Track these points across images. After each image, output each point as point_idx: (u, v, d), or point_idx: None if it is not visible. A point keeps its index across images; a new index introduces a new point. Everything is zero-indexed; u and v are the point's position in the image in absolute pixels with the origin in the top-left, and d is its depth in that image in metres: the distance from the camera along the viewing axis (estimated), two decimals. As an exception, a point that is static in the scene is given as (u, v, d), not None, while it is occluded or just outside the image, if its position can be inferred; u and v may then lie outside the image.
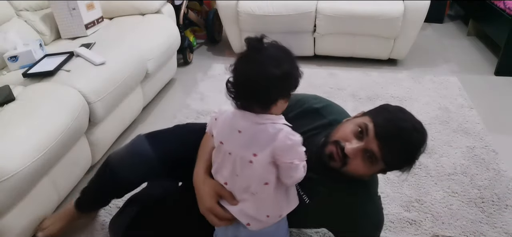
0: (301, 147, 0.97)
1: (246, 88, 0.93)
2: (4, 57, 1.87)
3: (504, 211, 1.58)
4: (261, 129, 0.94)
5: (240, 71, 0.92)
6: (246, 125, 0.95)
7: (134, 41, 2.12)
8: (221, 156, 1.01)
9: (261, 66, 0.90)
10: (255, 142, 0.95)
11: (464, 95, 2.43)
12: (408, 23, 2.65)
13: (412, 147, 1.00)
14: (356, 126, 1.04)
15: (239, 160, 0.97)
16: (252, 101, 0.94)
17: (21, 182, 1.31)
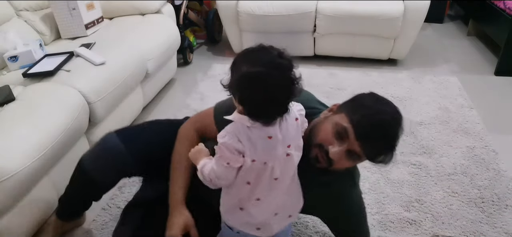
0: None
1: (272, 105, 0.91)
2: (4, 57, 1.87)
3: (504, 211, 1.58)
4: (285, 126, 0.98)
5: (261, 91, 0.89)
6: (272, 130, 0.96)
7: (134, 41, 2.12)
8: (254, 174, 0.98)
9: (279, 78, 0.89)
10: (286, 137, 0.98)
11: (464, 95, 2.43)
12: (408, 23, 2.65)
13: (393, 137, 1.03)
14: (335, 127, 1.05)
15: (277, 163, 0.99)
16: (276, 114, 0.94)
17: (21, 182, 1.31)
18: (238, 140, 0.95)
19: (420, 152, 1.93)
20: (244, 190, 1.01)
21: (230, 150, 0.95)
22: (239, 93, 0.91)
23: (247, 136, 0.94)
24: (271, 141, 0.96)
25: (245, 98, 0.91)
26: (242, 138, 0.94)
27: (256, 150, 0.95)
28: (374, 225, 1.53)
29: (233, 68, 0.93)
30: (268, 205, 1.04)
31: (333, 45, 2.87)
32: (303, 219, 1.56)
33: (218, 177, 0.99)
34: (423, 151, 1.93)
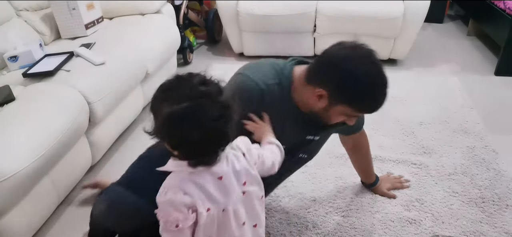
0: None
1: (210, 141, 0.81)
2: (4, 57, 1.87)
3: (505, 211, 1.58)
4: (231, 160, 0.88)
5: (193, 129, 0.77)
6: (219, 168, 0.85)
7: (134, 41, 2.12)
8: (216, 224, 0.86)
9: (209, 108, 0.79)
10: (236, 173, 0.88)
11: (464, 95, 2.43)
12: (408, 23, 2.65)
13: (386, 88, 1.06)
14: (344, 117, 1.12)
15: (239, 205, 0.88)
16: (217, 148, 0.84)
17: (21, 182, 1.31)
18: (184, 192, 0.81)
19: (420, 152, 1.93)
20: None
21: (177, 207, 0.80)
22: (168, 138, 0.80)
23: (193, 184, 0.82)
24: (223, 182, 0.84)
25: (177, 141, 0.80)
26: (188, 188, 0.81)
27: (208, 196, 0.83)
28: (374, 224, 1.53)
29: (154, 110, 0.82)
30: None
31: (333, 45, 2.87)
32: (303, 219, 1.56)
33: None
34: (423, 151, 1.93)
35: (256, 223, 0.95)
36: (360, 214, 1.58)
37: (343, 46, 1.06)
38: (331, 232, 1.50)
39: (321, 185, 1.73)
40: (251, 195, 0.92)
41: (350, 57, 1.03)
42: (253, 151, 0.95)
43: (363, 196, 1.66)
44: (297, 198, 1.66)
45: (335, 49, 1.07)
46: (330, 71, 1.05)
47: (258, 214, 0.95)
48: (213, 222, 0.85)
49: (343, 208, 1.61)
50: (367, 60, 1.03)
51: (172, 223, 0.81)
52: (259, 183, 0.94)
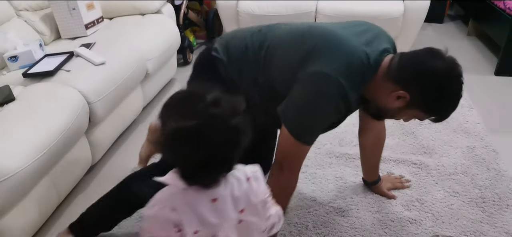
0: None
1: (212, 166, 0.75)
2: (4, 57, 1.87)
3: (505, 211, 1.58)
4: (231, 184, 0.81)
5: (196, 150, 0.72)
6: (216, 191, 0.79)
7: (134, 41, 2.12)
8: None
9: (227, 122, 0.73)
10: (235, 199, 0.81)
11: (464, 95, 2.42)
12: (408, 23, 2.65)
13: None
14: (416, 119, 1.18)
15: (229, 231, 0.81)
16: (222, 171, 0.78)
17: (21, 182, 1.30)
18: (172, 208, 0.76)
19: (421, 152, 1.93)
20: None
21: (161, 223, 0.75)
22: (168, 153, 0.76)
23: (184, 202, 0.76)
24: (217, 204, 0.78)
25: (176, 159, 0.76)
26: (178, 205, 0.76)
27: (199, 217, 0.77)
28: (374, 224, 1.52)
29: (162, 120, 0.76)
30: None
31: (333, 45, 2.87)
32: (303, 219, 1.56)
33: None
34: (424, 151, 1.93)
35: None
36: (360, 214, 1.57)
37: (438, 57, 1.09)
38: (331, 232, 1.50)
39: (321, 185, 1.73)
40: (249, 225, 0.84)
41: (446, 73, 1.07)
42: (262, 182, 0.87)
43: (363, 196, 1.66)
44: (297, 198, 1.66)
45: (429, 58, 1.09)
46: (421, 80, 1.07)
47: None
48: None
49: (343, 208, 1.61)
50: (459, 79, 1.09)
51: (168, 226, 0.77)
52: (259, 214, 0.85)
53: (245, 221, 0.83)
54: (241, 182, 0.82)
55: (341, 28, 1.17)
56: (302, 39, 1.16)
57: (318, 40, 1.13)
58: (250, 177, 0.84)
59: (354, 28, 1.18)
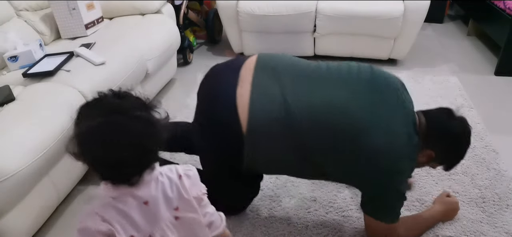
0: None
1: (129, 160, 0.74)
2: (4, 57, 1.87)
3: (505, 211, 1.58)
4: (162, 183, 0.82)
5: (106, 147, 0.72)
6: (145, 191, 0.79)
7: (134, 41, 2.12)
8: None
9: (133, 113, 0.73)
10: (167, 199, 0.82)
11: (464, 95, 2.43)
12: (408, 23, 2.65)
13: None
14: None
15: (168, 231, 0.82)
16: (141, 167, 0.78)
17: (21, 182, 1.31)
18: (102, 219, 0.75)
19: (421, 152, 1.93)
20: None
21: (92, 235, 0.75)
22: (86, 158, 0.74)
23: (115, 211, 0.76)
24: (149, 207, 0.79)
25: (94, 160, 0.75)
26: (108, 214, 0.75)
27: (132, 223, 0.77)
28: (374, 225, 1.53)
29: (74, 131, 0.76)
30: None
31: (333, 45, 2.87)
32: (303, 219, 1.56)
33: None
34: (424, 151, 1.93)
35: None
36: (361, 214, 1.57)
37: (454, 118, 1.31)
38: (331, 232, 1.50)
39: (321, 185, 1.73)
40: (187, 221, 0.85)
41: (463, 134, 1.30)
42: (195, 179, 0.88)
43: (363, 196, 1.66)
44: (297, 198, 1.66)
45: (448, 120, 1.31)
46: (445, 141, 1.28)
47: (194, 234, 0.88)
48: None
49: (343, 208, 1.61)
50: (470, 136, 1.31)
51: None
52: (195, 211, 0.86)
53: (182, 218, 0.84)
54: (172, 181, 0.83)
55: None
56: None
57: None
58: (182, 174, 0.86)
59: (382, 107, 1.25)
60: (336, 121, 1.19)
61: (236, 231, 1.51)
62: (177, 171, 0.86)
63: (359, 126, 1.18)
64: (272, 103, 1.23)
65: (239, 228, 1.52)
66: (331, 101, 1.21)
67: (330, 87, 1.25)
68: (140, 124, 0.74)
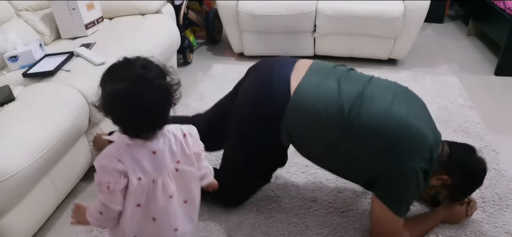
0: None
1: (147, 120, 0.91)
2: (4, 57, 1.86)
3: (505, 210, 1.58)
4: (169, 139, 0.97)
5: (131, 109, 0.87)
6: (156, 144, 0.95)
7: (134, 41, 2.12)
8: (146, 192, 0.95)
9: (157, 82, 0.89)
10: (172, 152, 0.97)
11: (464, 95, 2.43)
12: (408, 23, 2.65)
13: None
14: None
15: (168, 179, 0.97)
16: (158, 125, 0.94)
17: (21, 182, 1.31)
18: (118, 160, 0.91)
19: (421, 152, 1.92)
20: (136, 214, 0.96)
21: (109, 172, 0.90)
22: (109, 114, 0.90)
23: (129, 155, 0.92)
24: (156, 156, 0.94)
25: (117, 118, 0.90)
26: (123, 157, 0.91)
27: (141, 167, 0.92)
28: (374, 225, 1.53)
29: (101, 87, 0.91)
30: (167, 224, 0.99)
31: (333, 45, 2.87)
32: (303, 219, 1.56)
33: (105, 206, 0.93)
34: (424, 151, 1.93)
35: (187, 200, 1.04)
36: (361, 215, 1.58)
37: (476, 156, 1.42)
38: (331, 232, 1.50)
39: (322, 185, 1.73)
40: (185, 173, 1.01)
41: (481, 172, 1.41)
42: (196, 138, 1.05)
43: (364, 196, 1.66)
44: (298, 198, 1.66)
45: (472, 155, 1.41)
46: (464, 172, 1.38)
47: (191, 192, 1.04)
48: (143, 190, 0.94)
49: (343, 208, 1.61)
50: (483, 177, 1.43)
51: (104, 185, 0.91)
52: (193, 164, 1.02)
53: (181, 170, 1.00)
54: (177, 138, 0.99)
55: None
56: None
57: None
58: (186, 133, 1.02)
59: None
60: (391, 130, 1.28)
61: (236, 231, 1.51)
62: (182, 130, 1.01)
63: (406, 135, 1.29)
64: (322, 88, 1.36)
65: (239, 228, 1.52)
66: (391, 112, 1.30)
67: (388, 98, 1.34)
68: (160, 93, 0.89)
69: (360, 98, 1.31)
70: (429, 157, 1.29)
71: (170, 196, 0.98)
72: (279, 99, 1.37)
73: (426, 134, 1.30)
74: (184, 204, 1.03)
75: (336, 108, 1.30)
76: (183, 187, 1.02)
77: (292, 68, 1.42)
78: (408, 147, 1.28)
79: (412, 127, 1.28)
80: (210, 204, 1.63)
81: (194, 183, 1.05)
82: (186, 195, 1.04)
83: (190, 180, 1.03)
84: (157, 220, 0.99)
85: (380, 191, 1.34)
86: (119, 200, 0.93)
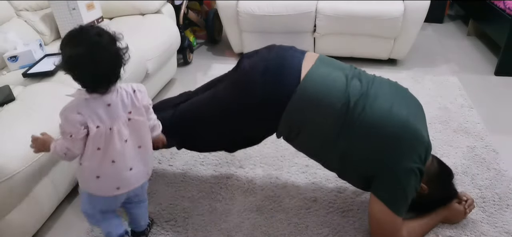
0: None
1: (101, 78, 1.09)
2: (4, 57, 1.87)
3: (505, 210, 1.58)
4: (121, 94, 1.16)
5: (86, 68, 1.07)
6: (110, 97, 1.13)
7: (134, 41, 2.11)
8: (103, 138, 1.13)
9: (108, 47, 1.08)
10: (124, 104, 1.16)
11: (464, 95, 2.43)
12: (408, 23, 2.65)
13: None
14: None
15: (122, 126, 1.16)
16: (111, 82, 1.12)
17: (22, 182, 1.31)
18: (78, 112, 1.09)
19: (421, 152, 1.93)
20: (97, 156, 1.14)
21: (71, 123, 1.09)
22: (69, 73, 1.08)
23: (87, 107, 1.10)
24: (110, 108, 1.13)
25: (76, 76, 1.09)
26: (82, 110, 1.10)
27: (98, 116, 1.11)
28: (374, 225, 1.52)
29: (62, 51, 1.08)
30: (123, 164, 1.19)
31: (333, 45, 2.87)
32: (303, 219, 1.56)
33: (69, 149, 1.13)
34: (424, 151, 1.93)
35: (141, 145, 1.23)
36: (361, 215, 1.58)
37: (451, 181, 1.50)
38: (332, 232, 1.50)
39: (322, 186, 1.73)
40: (137, 122, 1.20)
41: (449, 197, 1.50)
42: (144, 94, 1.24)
43: (364, 196, 1.66)
44: (298, 198, 1.66)
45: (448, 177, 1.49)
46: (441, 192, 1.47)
47: (143, 138, 1.23)
48: (101, 136, 1.13)
49: (343, 208, 1.61)
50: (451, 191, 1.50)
51: (67, 134, 1.11)
52: (143, 115, 1.22)
53: (133, 120, 1.19)
54: (128, 93, 1.18)
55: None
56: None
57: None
58: (136, 89, 1.21)
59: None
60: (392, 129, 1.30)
61: (236, 231, 1.51)
62: (132, 87, 1.21)
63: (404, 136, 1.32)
64: (332, 77, 1.38)
65: (239, 228, 1.52)
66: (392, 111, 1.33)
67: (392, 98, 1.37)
68: (112, 55, 1.09)
69: (365, 95, 1.33)
70: (425, 157, 1.32)
71: (125, 141, 1.17)
72: (289, 83, 1.37)
73: (423, 135, 1.33)
74: (138, 149, 1.22)
75: (342, 100, 1.32)
76: (136, 133, 1.20)
77: (303, 57, 1.43)
78: (408, 146, 1.30)
79: (411, 127, 1.31)
80: (210, 204, 1.63)
81: (146, 131, 1.24)
82: (139, 141, 1.22)
83: (141, 127, 1.21)
84: (115, 162, 1.17)
85: (380, 190, 1.35)
86: (80, 146, 1.13)
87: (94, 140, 1.12)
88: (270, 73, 1.40)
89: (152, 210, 1.61)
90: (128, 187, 1.23)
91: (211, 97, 1.54)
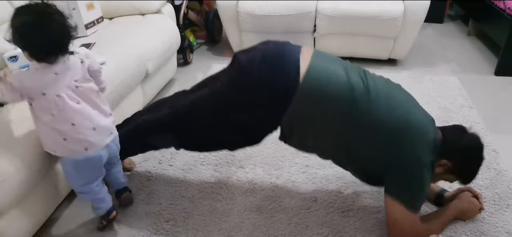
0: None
1: (47, 47, 1.17)
2: (4, 57, 1.86)
3: (505, 210, 1.58)
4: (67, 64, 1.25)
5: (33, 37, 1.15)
6: (57, 67, 1.22)
7: (134, 41, 2.12)
8: (53, 105, 1.23)
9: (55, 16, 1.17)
10: (71, 73, 1.26)
11: (464, 95, 2.43)
12: (408, 23, 2.65)
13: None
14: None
15: (71, 93, 1.25)
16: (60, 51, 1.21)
17: (21, 182, 1.30)
18: (19, 81, 1.19)
19: (421, 152, 1.92)
20: (53, 122, 1.24)
21: (11, 89, 1.19)
22: (19, 44, 1.16)
23: (36, 75, 1.21)
24: (58, 77, 1.22)
25: (24, 45, 1.16)
26: (26, 79, 1.20)
27: (44, 85, 1.20)
28: (375, 224, 1.52)
29: (12, 22, 1.16)
30: (84, 126, 1.28)
31: (333, 45, 2.87)
32: (303, 219, 1.56)
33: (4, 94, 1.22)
34: (424, 151, 1.93)
35: (95, 108, 1.33)
36: (361, 215, 1.58)
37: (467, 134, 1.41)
38: (332, 232, 1.50)
39: (322, 185, 1.73)
40: (85, 89, 1.29)
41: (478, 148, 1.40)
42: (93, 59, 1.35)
43: (364, 196, 1.67)
44: (298, 198, 1.66)
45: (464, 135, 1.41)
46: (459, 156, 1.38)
47: (96, 104, 1.33)
48: (50, 102, 1.22)
49: (343, 208, 1.61)
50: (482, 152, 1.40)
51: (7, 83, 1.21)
52: (90, 81, 1.32)
53: (81, 87, 1.28)
54: (76, 61, 1.28)
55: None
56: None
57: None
58: (83, 59, 1.30)
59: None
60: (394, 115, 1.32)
61: (236, 231, 1.51)
62: (80, 55, 1.30)
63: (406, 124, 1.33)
64: (332, 70, 1.38)
65: (239, 228, 1.52)
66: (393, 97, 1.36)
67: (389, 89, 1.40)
68: (59, 25, 1.18)
69: (367, 90, 1.33)
70: (433, 147, 1.33)
71: (77, 103, 1.26)
72: (289, 70, 1.36)
73: (427, 125, 1.35)
74: (94, 111, 1.32)
75: (346, 92, 1.32)
76: (85, 98, 1.29)
77: (300, 51, 1.42)
78: (419, 141, 1.32)
79: (416, 120, 1.33)
80: (210, 204, 1.63)
81: (95, 95, 1.33)
82: (92, 105, 1.32)
83: (90, 93, 1.31)
84: (76, 124, 1.27)
85: (395, 189, 1.36)
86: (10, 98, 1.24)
87: (44, 107, 1.23)
88: (268, 62, 1.38)
89: (152, 210, 1.61)
90: (96, 147, 1.33)
91: (208, 94, 1.51)
